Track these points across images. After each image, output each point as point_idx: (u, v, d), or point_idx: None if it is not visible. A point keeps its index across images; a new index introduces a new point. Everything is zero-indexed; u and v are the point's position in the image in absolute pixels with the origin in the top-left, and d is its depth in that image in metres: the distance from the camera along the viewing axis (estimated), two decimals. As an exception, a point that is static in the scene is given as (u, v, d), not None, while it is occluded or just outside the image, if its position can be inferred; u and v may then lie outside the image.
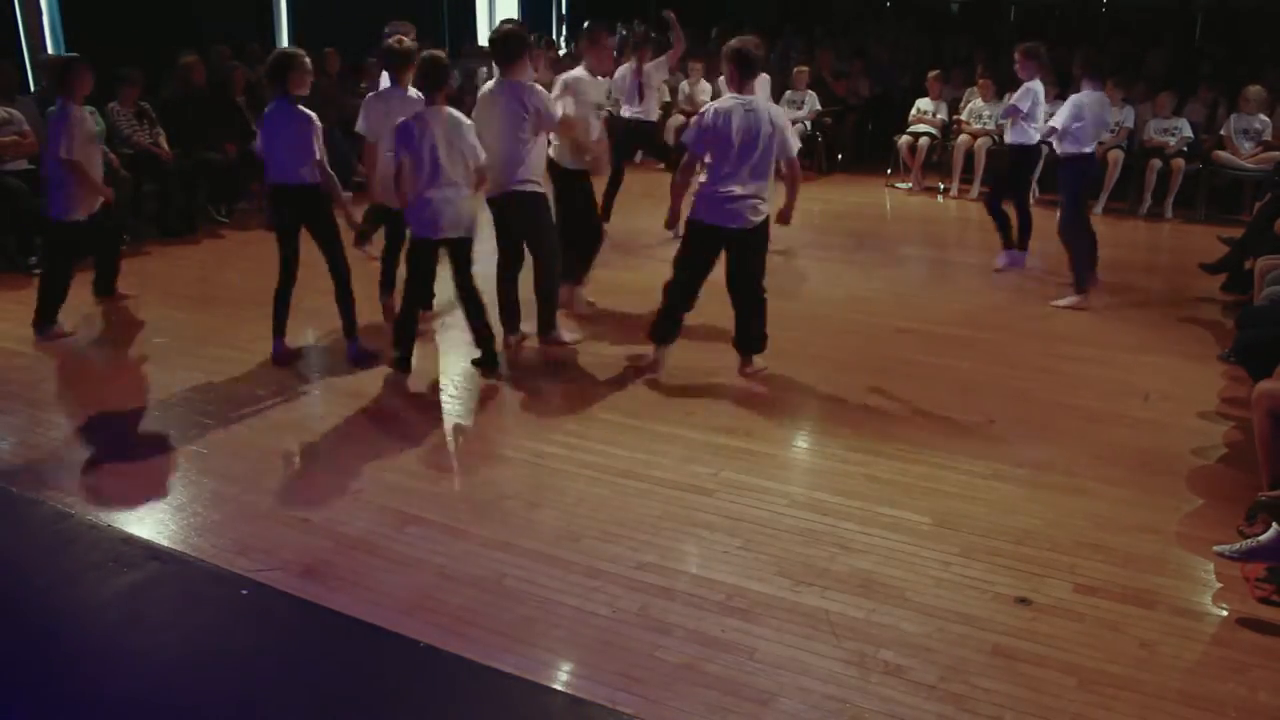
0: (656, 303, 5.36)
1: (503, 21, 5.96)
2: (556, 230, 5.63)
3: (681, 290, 5.20)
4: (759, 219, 4.99)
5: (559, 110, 5.52)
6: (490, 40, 5.71)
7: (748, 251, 5.09)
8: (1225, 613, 3.35)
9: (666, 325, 5.32)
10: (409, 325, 5.33)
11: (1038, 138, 7.15)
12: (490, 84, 5.47)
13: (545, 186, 5.53)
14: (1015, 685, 2.97)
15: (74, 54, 6.01)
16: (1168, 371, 5.52)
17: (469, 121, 5.08)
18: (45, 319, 5.87)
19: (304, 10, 11.43)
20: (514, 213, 5.47)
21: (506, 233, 5.61)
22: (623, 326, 5.83)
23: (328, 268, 5.38)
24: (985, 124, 10.07)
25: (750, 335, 5.30)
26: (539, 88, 5.39)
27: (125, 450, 4.50)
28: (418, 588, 3.44)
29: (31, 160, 7.24)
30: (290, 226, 5.34)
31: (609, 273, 7.16)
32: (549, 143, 5.71)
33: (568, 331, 5.79)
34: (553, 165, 5.79)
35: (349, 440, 4.62)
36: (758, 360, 5.37)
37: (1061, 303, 6.66)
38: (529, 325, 5.77)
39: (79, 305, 6.42)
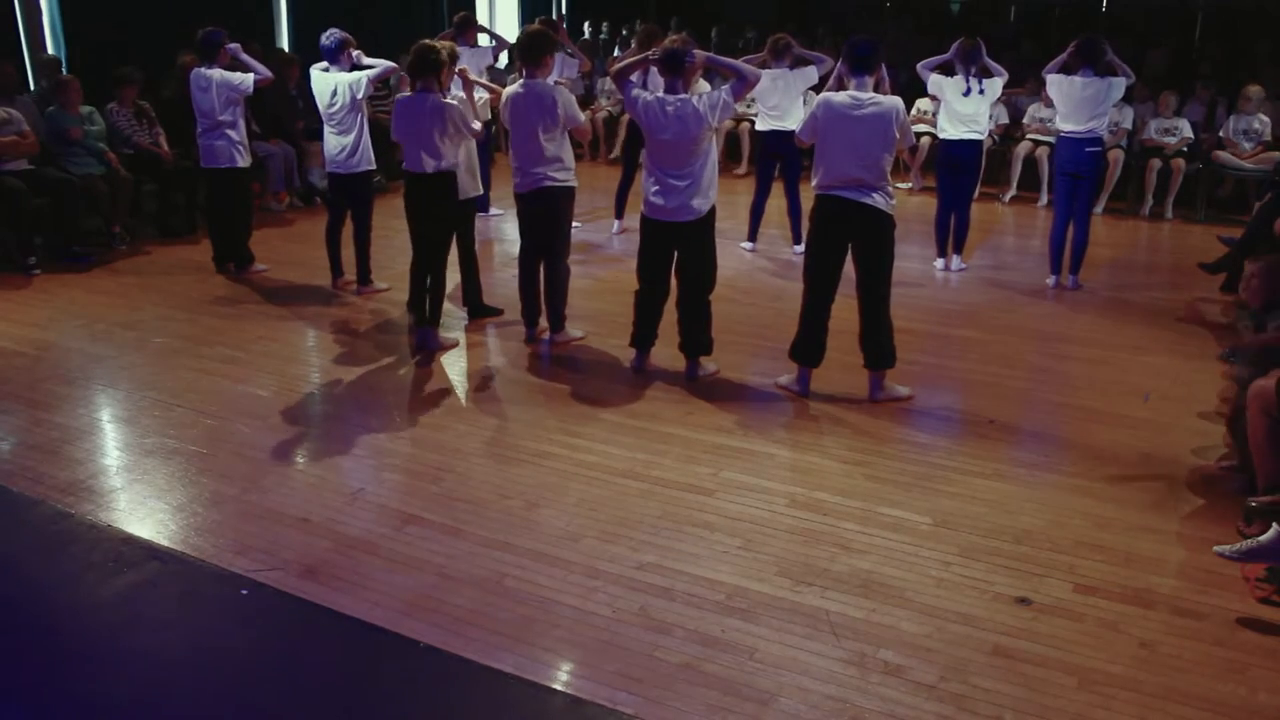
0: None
1: (540, 19, 6.21)
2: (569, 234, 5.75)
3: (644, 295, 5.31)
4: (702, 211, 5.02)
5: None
6: (517, 41, 5.86)
7: (691, 245, 5.10)
8: (1225, 613, 3.35)
9: (639, 330, 5.38)
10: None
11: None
12: (516, 84, 5.60)
13: (575, 180, 5.66)
14: (1015, 685, 2.97)
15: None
16: (1168, 371, 5.52)
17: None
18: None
19: (304, 10, 11.43)
20: (540, 208, 5.56)
21: (531, 228, 5.70)
22: (625, 326, 5.83)
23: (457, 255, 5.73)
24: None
25: (690, 337, 5.24)
26: (562, 89, 5.59)
27: (125, 450, 4.50)
28: (418, 588, 3.44)
29: (31, 160, 7.24)
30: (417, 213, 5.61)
31: (613, 271, 7.17)
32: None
33: (573, 329, 5.87)
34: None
35: (349, 440, 4.62)
36: (706, 362, 5.32)
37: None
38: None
39: (77, 306, 6.43)
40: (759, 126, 7.69)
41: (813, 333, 5.02)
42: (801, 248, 7.18)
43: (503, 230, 8.52)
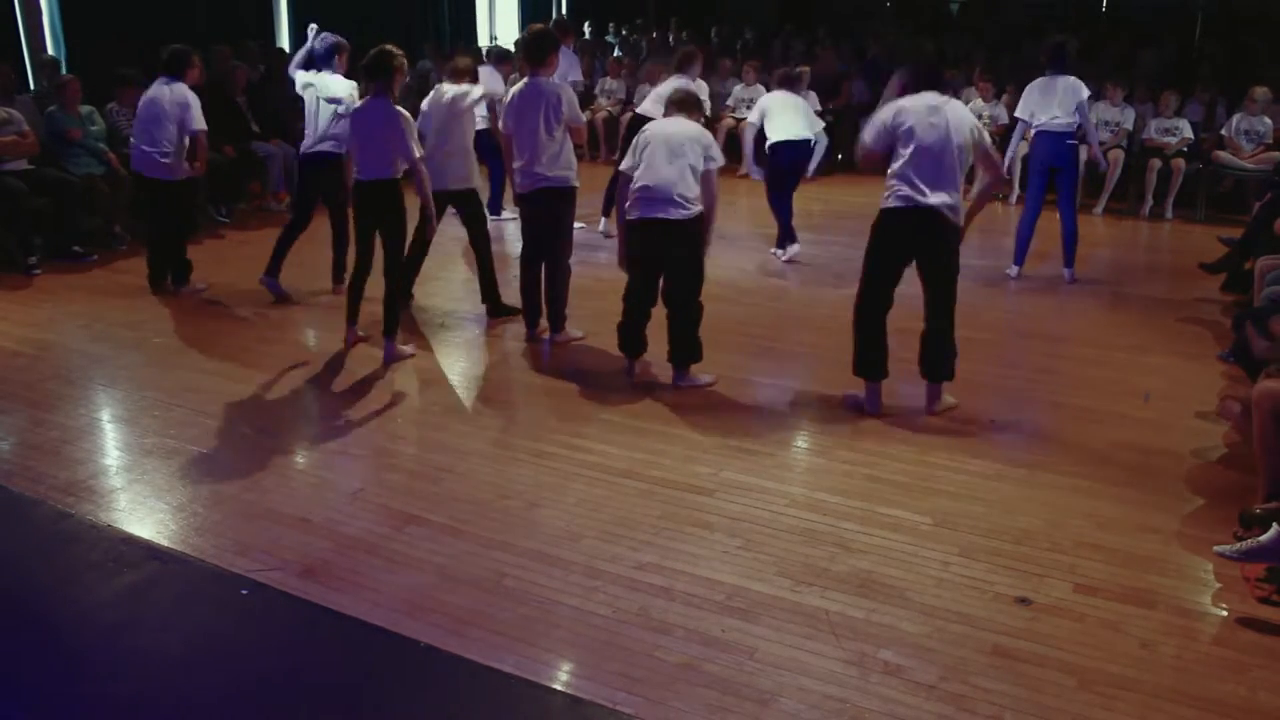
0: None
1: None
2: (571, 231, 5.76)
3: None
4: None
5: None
6: (521, 39, 5.89)
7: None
8: (1225, 613, 3.35)
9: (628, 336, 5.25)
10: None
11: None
12: (519, 83, 5.59)
13: (577, 180, 5.66)
14: (1015, 685, 2.97)
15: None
16: (1168, 371, 5.52)
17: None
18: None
19: (304, 10, 11.44)
20: (542, 208, 5.57)
21: (532, 228, 5.71)
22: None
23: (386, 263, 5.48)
24: (985, 124, 10.08)
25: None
26: (566, 86, 5.62)
27: (125, 450, 4.50)
28: (418, 588, 3.44)
29: (31, 160, 7.24)
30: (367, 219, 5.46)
31: (613, 273, 7.16)
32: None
33: (573, 329, 5.86)
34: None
35: (349, 440, 4.62)
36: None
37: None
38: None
39: (77, 306, 6.43)
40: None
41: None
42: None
43: (503, 230, 8.52)
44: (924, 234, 4.61)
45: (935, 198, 4.53)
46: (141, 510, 3.97)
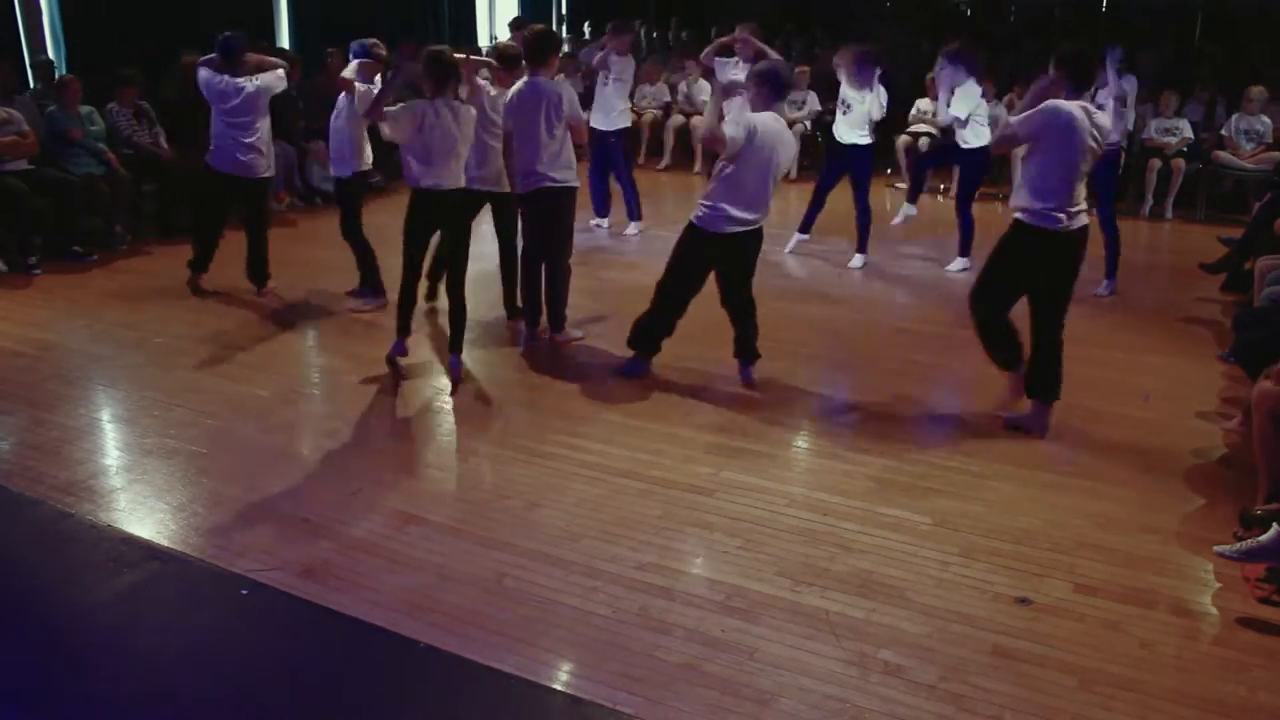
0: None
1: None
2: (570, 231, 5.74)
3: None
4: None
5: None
6: (523, 39, 5.87)
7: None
8: (1225, 613, 3.35)
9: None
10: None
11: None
12: (520, 83, 5.60)
13: (577, 180, 5.66)
14: (1015, 685, 2.97)
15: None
16: (1168, 371, 5.52)
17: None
18: None
19: (304, 10, 11.43)
20: (542, 207, 5.57)
21: (533, 228, 5.71)
22: (624, 327, 5.82)
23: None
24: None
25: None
26: (567, 85, 5.62)
27: (125, 450, 4.50)
28: (418, 588, 3.44)
29: (31, 160, 7.24)
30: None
31: (613, 273, 7.17)
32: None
33: (573, 329, 5.86)
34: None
35: (349, 440, 4.62)
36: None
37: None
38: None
39: (77, 306, 6.42)
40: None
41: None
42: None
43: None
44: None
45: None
46: (141, 510, 3.97)
